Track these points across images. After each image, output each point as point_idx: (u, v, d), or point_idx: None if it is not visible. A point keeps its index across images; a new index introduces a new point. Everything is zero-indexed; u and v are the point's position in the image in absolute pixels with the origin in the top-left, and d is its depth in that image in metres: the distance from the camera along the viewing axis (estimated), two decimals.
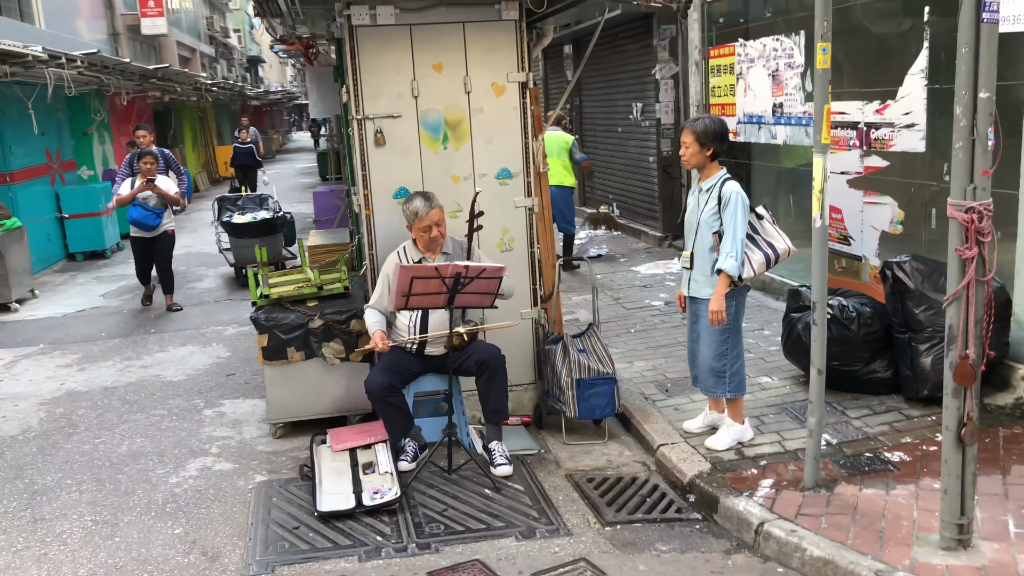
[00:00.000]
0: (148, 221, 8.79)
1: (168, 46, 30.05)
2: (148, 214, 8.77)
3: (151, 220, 8.79)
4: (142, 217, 8.77)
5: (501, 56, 5.21)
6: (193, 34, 35.77)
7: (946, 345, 3.40)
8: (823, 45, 3.88)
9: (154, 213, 8.79)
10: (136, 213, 8.79)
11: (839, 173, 6.64)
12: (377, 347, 4.72)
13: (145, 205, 8.73)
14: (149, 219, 8.79)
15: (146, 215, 8.77)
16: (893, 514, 3.92)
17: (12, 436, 5.69)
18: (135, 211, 8.78)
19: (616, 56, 12.47)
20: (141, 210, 8.77)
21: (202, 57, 37.56)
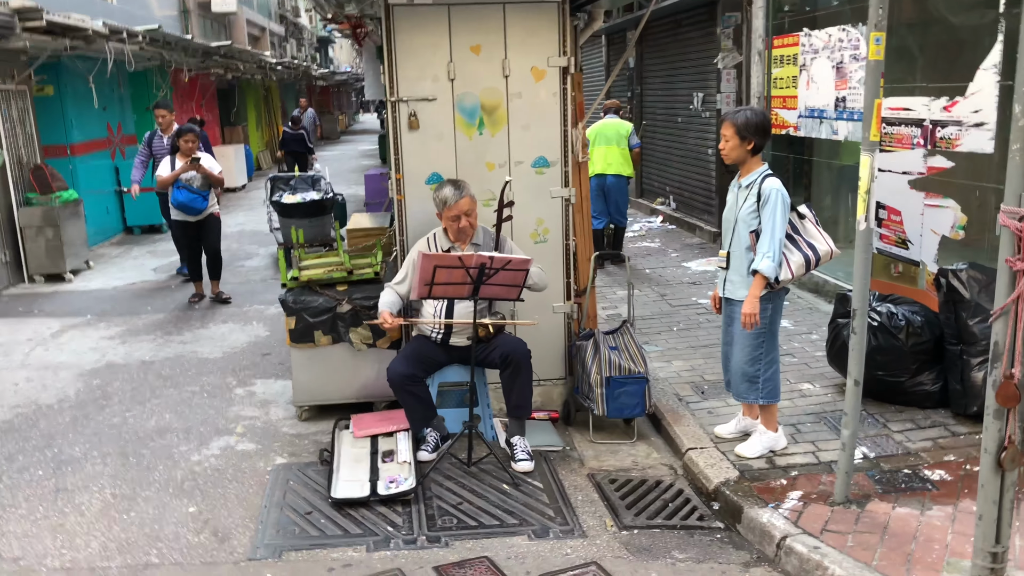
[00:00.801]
0: (195, 204, 8.21)
1: (238, 24, 30.45)
2: (195, 196, 8.19)
3: (198, 203, 8.21)
4: (188, 200, 8.17)
5: (542, 40, 5.06)
6: (264, 13, 36.21)
7: (990, 362, 3.16)
8: (876, 35, 3.65)
9: (200, 195, 8.21)
10: (182, 196, 8.17)
11: (900, 173, 6.33)
12: (384, 324, 4.64)
13: (189, 187, 8.16)
14: (196, 202, 8.20)
15: (192, 197, 8.19)
16: (925, 536, 3.70)
17: (48, 405, 5.79)
18: (180, 194, 8.16)
19: (679, 43, 12.19)
20: (186, 192, 8.17)
21: (272, 36, 38.00)
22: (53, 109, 11.40)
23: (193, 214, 8.30)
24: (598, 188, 9.41)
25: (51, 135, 11.36)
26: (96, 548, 3.91)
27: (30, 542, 3.98)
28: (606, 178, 9.44)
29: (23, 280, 9.79)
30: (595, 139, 9.43)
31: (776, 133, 8.62)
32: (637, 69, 13.95)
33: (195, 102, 18.28)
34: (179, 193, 8.15)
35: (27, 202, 9.93)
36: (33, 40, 9.46)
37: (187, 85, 17.17)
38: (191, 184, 8.16)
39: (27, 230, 9.75)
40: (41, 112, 11.05)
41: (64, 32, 9.85)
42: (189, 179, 8.14)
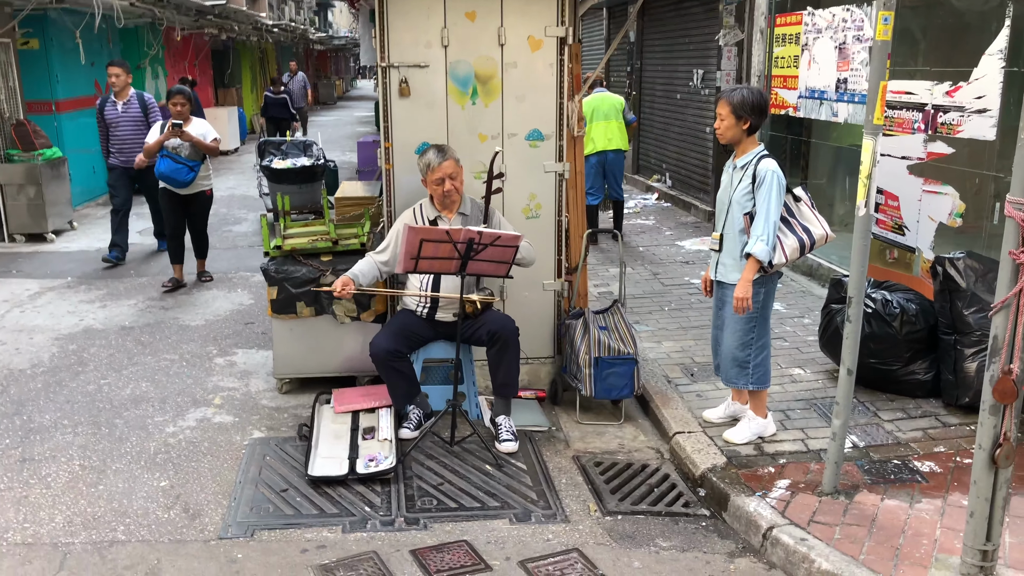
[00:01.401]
0: (178, 176, 7.28)
1: None
2: (179, 167, 7.28)
3: (182, 175, 7.29)
4: (171, 171, 7.26)
5: (539, 8, 4.89)
6: None
7: (988, 357, 3.06)
8: (885, 14, 3.50)
9: (186, 166, 7.30)
10: (164, 166, 7.27)
11: (899, 158, 6.21)
12: (336, 291, 4.49)
13: (174, 156, 7.28)
14: (180, 173, 7.28)
15: (176, 168, 7.27)
16: (914, 530, 3.62)
17: (21, 370, 5.65)
18: (163, 163, 7.27)
19: (681, 18, 11.97)
20: (170, 162, 7.27)
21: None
22: (38, 63, 11.15)
23: (178, 186, 7.43)
24: (599, 165, 9.26)
25: (36, 90, 11.11)
26: (60, 522, 3.79)
27: None
28: (607, 154, 9.28)
29: (2, 239, 9.60)
30: (592, 114, 9.22)
31: (775, 113, 8.47)
32: (637, 43, 13.73)
33: (188, 62, 17.97)
34: (161, 162, 7.32)
35: (8, 158, 9.71)
36: None
37: (180, 44, 16.87)
38: (178, 153, 7.33)
39: (7, 188, 9.53)
40: (25, 66, 10.81)
41: None
42: (176, 147, 7.32)
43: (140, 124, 8.36)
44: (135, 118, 8.40)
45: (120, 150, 8.45)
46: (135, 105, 8.42)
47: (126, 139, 8.38)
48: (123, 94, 8.40)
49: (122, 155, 8.42)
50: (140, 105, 8.41)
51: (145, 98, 8.46)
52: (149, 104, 8.44)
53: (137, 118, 8.38)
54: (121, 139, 8.41)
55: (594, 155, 9.22)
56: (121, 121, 8.38)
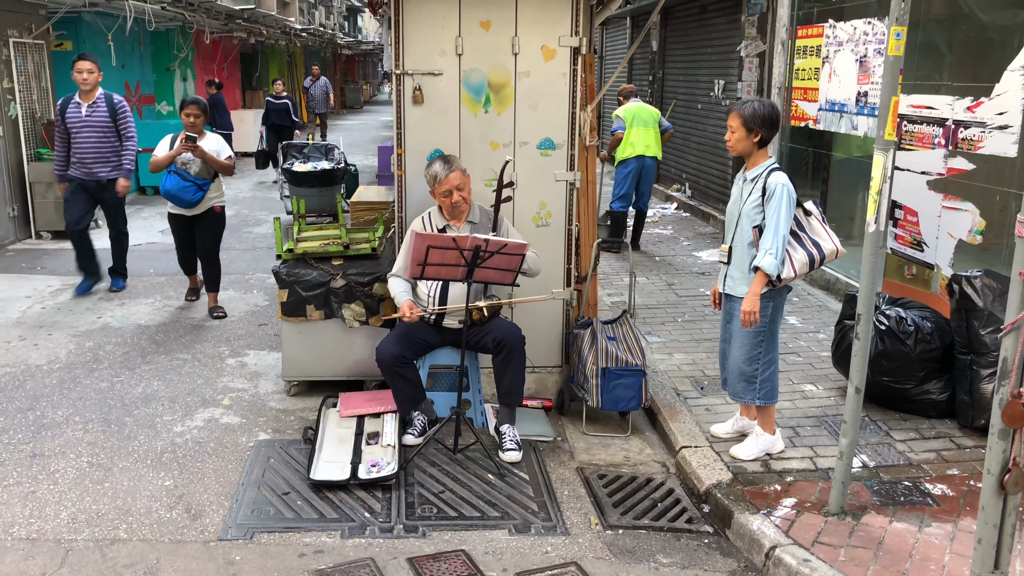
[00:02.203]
0: (185, 195, 6.52)
1: None
2: (187, 185, 6.52)
3: (189, 194, 6.52)
4: (178, 189, 6.50)
5: (554, 18, 4.88)
6: None
7: (998, 380, 3.00)
8: (897, 29, 3.47)
9: (194, 184, 6.54)
10: (171, 183, 6.51)
11: (919, 173, 6.13)
12: (405, 316, 4.50)
13: (182, 173, 6.54)
14: (187, 192, 6.52)
15: (183, 186, 6.51)
16: (922, 555, 3.55)
17: (38, 366, 5.71)
18: (170, 180, 6.53)
19: (703, 29, 11.93)
20: (177, 179, 6.51)
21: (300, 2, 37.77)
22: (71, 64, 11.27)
23: (184, 206, 6.66)
24: (637, 170, 9.34)
25: (68, 91, 11.11)
26: (65, 519, 3.83)
27: None
28: (645, 160, 9.36)
29: (30, 236, 9.75)
30: (632, 120, 9.31)
31: (795, 125, 8.42)
32: (660, 53, 13.69)
33: (217, 65, 18.19)
34: (167, 179, 6.57)
35: (38, 157, 9.86)
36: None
37: (209, 47, 17.07)
38: (186, 169, 6.58)
39: (36, 186, 9.69)
40: (58, 67, 10.94)
41: None
42: (185, 163, 6.58)
43: (107, 131, 7.18)
44: (101, 124, 7.16)
45: (81, 160, 7.18)
46: (102, 108, 7.16)
47: (88, 148, 7.14)
48: (90, 95, 7.18)
49: (83, 166, 7.19)
50: (108, 108, 7.18)
51: (115, 100, 7.24)
52: (119, 107, 7.22)
53: (103, 124, 7.16)
54: (83, 147, 7.13)
55: (633, 159, 9.30)
56: (85, 127, 7.13)
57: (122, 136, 7.25)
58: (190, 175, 6.57)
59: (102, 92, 7.25)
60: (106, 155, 7.19)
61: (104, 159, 7.20)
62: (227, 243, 9.59)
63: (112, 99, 7.26)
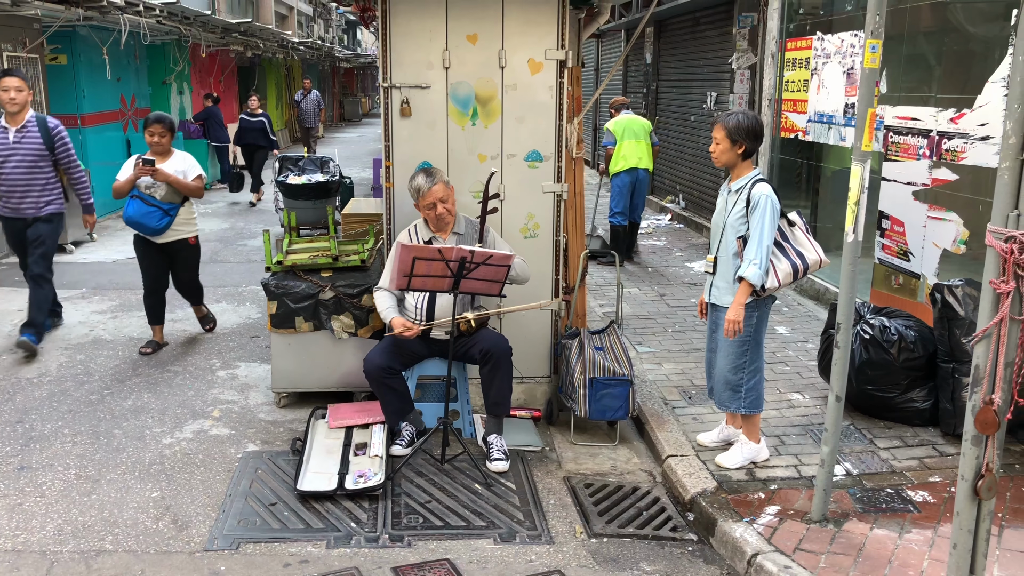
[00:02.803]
0: (148, 221, 5.88)
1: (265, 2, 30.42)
2: (150, 211, 5.88)
3: (154, 220, 5.89)
4: (140, 215, 5.87)
5: (540, 32, 4.94)
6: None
7: (970, 386, 3.04)
8: (872, 43, 3.51)
9: (159, 210, 5.92)
10: (133, 209, 5.88)
11: (905, 183, 6.18)
12: (404, 335, 4.52)
13: (147, 197, 5.91)
14: (151, 218, 5.88)
15: (147, 212, 5.87)
16: (901, 560, 3.58)
17: (28, 379, 5.74)
18: (131, 206, 5.89)
19: (696, 41, 12.02)
20: (139, 204, 5.87)
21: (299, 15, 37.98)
22: (65, 78, 11.38)
23: (149, 233, 6.00)
24: (630, 183, 9.39)
25: (62, 104, 11.33)
26: (51, 531, 3.85)
27: None
28: (638, 172, 9.42)
29: None
30: (623, 133, 9.37)
31: (785, 137, 8.48)
32: (654, 66, 13.78)
33: (214, 78, 18.25)
34: (130, 205, 5.91)
35: None
36: (45, 8, 9.44)
37: (206, 60, 17.12)
38: (151, 194, 5.94)
39: None
40: (53, 81, 11.04)
41: (78, 1, 9.82)
42: (150, 187, 5.93)
43: (38, 161, 6.10)
44: (33, 152, 6.08)
45: (9, 193, 6.11)
46: (34, 134, 6.08)
47: (16, 180, 6.07)
48: (19, 117, 6.07)
49: (10, 200, 6.14)
50: (42, 134, 6.11)
51: (50, 125, 6.18)
52: (56, 133, 6.19)
53: (35, 152, 6.09)
54: (11, 179, 6.06)
55: (626, 172, 9.37)
56: (13, 155, 6.04)
57: (65, 168, 6.30)
58: (155, 200, 5.92)
59: (33, 115, 6.15)
60: (36, 189, 6.14)
61: (33, 194, 6.13)
62: (221, 256, 9.69)
63: (47, 123, 6.18)
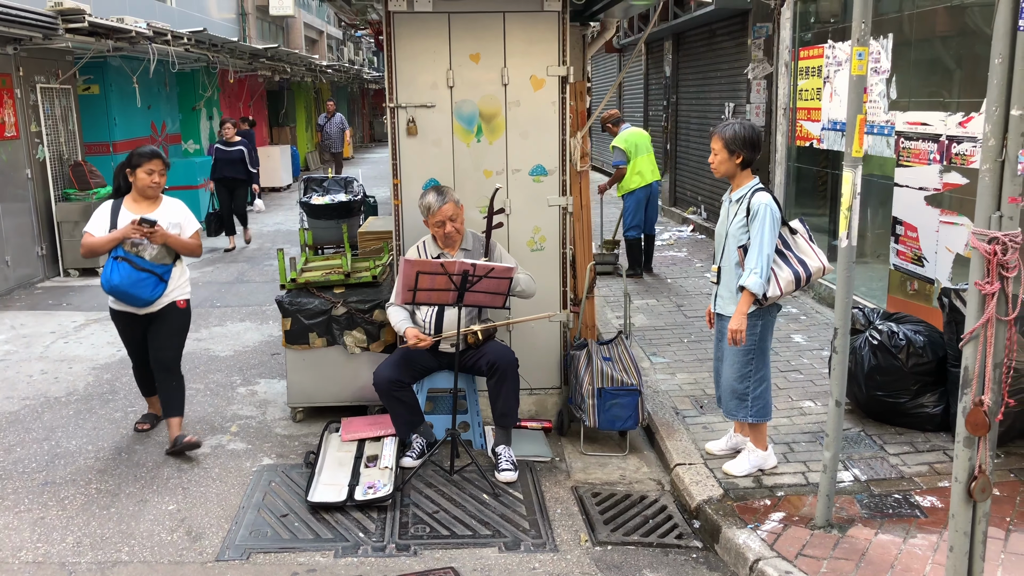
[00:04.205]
0: (141, 292, 4.66)
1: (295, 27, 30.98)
2: (142, 277, 4.65)
3: (147, 290, 4.68)
4: (130, 283, 4.62)
5: (542, 49, 5.03)
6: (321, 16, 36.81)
7: (960, 388, 3.05)
8: (859, 50, 3.55)
9: (153, 275, 4.69)
10: (119, 275, 4.61)
11: (917, 189, 6.17)
12: (419, 345, 4.61)
13: (135, 258, 4.66)
14: (143, 287, 4.66)
15: (138, 280, 4.64)
16: (903, 565, 3.58)
17: (56, 398, 5.93)
18: (116, 271, 4.62)
19: (713, 53, 12.05)
20: (127, 269, 4.61)
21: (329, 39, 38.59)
22: (98, 107, 11.72)
23: (138, 305, 4.74)
24: (645, 198, 9.41)
25: (95, 133, 11.68)
26: (70, 543, 3.98)
27: (8, 534, 4.07)
28: (653, 185, 9.45)
29: (58, 274, 10.08)
30: (636, 149, 9.35)
31: (800, 145, 8.48)
32: (673, 78, 13.82)
33: (243, 103, 18.64)
34: (113, 269, 4.63)
35: (65, 197, 10.22)
36: (76, 41, 9.74)
37: (235, 86, 17.50)
38: (138, 253, 4.68)
39: (64, 225, 10.04)
40: (86, 110, 11.36)
41: (108, 33, 10.12)
42: (137, 244, 4.68)
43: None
44: None
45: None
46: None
47: None
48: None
49: None
50: None
51: None
52: None
53: None
54: None
55: (641, 188, 9.34)
56: None
57: None
58: (146, 261, 4.68)
59: None
60: None
61: None
62: (247, 276, 9.89)
63: None
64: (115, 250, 4.71)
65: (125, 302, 4.79)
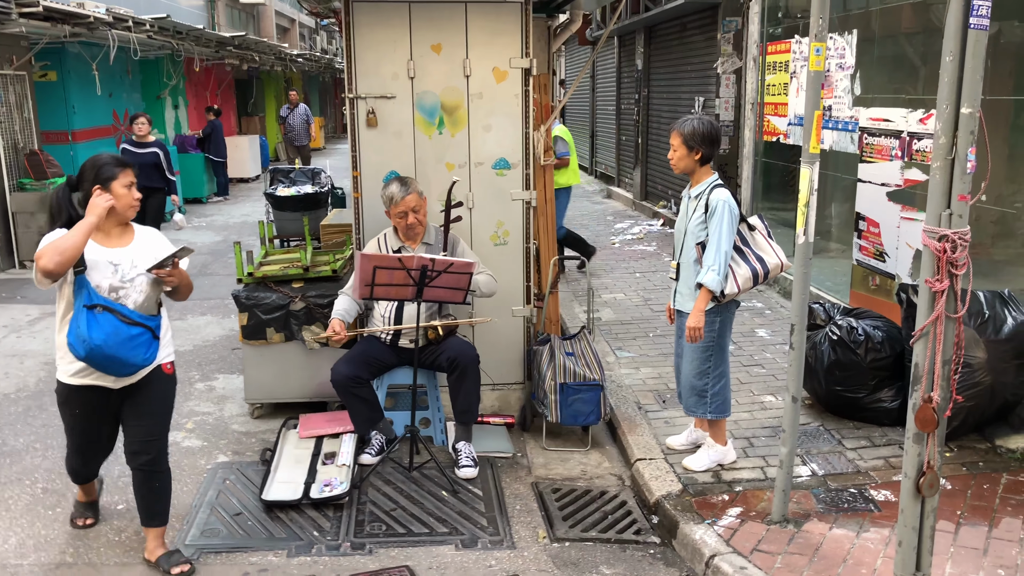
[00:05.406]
0: (134, 354, 3.42)
1: (266, 15, 30.62)
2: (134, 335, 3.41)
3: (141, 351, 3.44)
4: (118, 344, 3.36)
5: (504, 40, 4.98)
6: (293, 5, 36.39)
7: (910, 384, 3.06)
8: (817, 45, 3.53)
9: (146, 330, 3.47)
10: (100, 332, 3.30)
11: (879, 184, 6.19)
12: (334, 337, 4.56)
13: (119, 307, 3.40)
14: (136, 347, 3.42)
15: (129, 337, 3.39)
16: (855, 559, 3.59)
17: (5, 394, 5.80)
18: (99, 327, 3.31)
19: (684, 47, 12.06)
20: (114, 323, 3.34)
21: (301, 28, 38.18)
22: (55, 95, 11.49)
23: (123, 373, 3.48)
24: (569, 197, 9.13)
25: (52, 121, 11.45)
26: (13, 544, 3.89)
27: None
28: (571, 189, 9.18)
29: (13, 266, 9.88)
30: (572, 147, 9.10)
31: (767, 140, 8.50)
32: (644, 71, 13.82)
33: (210, 92, 18.38)
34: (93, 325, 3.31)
35: (20, 187, 10.01)
36: (31, 26, 9.53)
37: (202, 74, 17.23)
38: (121, 300, 3.43)
39: (19, 215, 9.84)
40: (42, 98, 11.13)
41: (65, 18, 9.91)
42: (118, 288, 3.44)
43: None
44: None
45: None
46: None
47: None
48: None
49: None
50: None
51: None
52: None
53: None
54: None
55: (570, 188, 9.08)
56: None
57: None
58: (134, 312, 3.44)
59: None
60: None
61: None
62: (211, 269, 9.76)
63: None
64: (85, 295, 3.32)
65: (106, 370, 3.42)
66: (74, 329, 3.34)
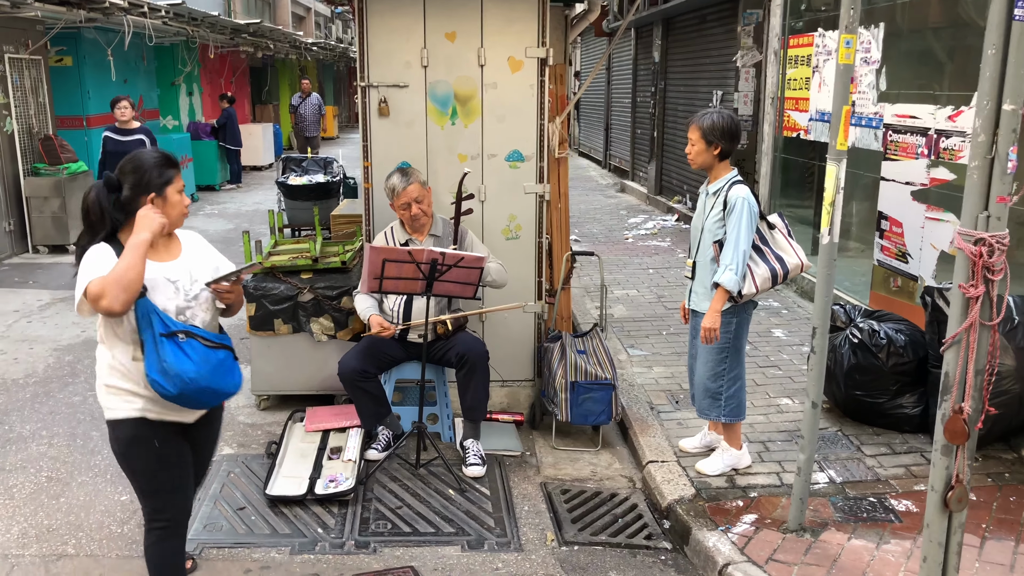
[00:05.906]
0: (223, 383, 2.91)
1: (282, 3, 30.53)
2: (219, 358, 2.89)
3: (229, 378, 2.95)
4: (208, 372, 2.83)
5: (520, 29, 4.86)
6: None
7: (940, 394, 2.93)
8: (847, 37, 3.40)
9: (227, 350, 2.97)
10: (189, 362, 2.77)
11: (904, 183, 6.04)
12: (383, 334, 4.45)
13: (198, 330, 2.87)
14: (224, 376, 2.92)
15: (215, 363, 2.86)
16: (876, 572, 3.47)
17: (14, 380, 5.74)
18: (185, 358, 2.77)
19: (702, 39, 11.87)
20: (201, 351, 2.82)
21: (317, 16, 38.08)
22: (71, 80, 11.44)
23: (213, 403, 3.03)
24: None
25: (67, 106, 11.40)
26: (15, 534, 3.83)
27: None
28: None
29: (27, 250, 9.84)
30: None
31: (787, 136, 8.34)
32: (661, 64, 13.64)
33: (225, 79, 18.31)
34: (179, 356, 2.78)
35: (35, 172, 9.96)
36: (47, 10, 9.46)
37: (216, 61, 17.15)
38: (191, 322, 2.91)
39: (33, 200, 9.79)
40: (58, 83, 11.07)
41: (80, 3, 9.84)
42: (184, 309, 2.91)
43: None
44: None
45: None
46: None
47: None
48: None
49: None
50: None
51: None
52: None
53: None
54: None
55: None
56: None
57: None
58: (211, 333, 2.96)
59: None
60: None
61: None
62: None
63: None
64: (157, 322, 2.78)
65: (196, 404, 2.93)
66: (155, 364, 2.74)
